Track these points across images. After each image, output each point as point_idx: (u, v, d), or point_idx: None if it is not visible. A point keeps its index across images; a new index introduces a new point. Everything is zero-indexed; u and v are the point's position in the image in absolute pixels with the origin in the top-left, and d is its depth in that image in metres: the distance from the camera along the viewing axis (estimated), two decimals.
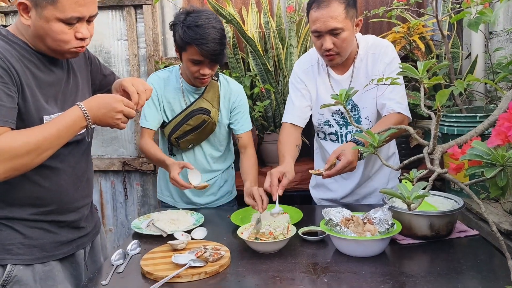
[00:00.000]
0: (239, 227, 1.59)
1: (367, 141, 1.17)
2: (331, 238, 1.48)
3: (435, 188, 2.42)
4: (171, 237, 1.60)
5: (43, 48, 1.33)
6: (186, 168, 1.84)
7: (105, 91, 1.63)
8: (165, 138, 2.08)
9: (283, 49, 2.92)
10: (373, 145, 1.16)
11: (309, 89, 1.96)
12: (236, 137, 2.10)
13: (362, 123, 1.91)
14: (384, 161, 1.18)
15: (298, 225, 1.64)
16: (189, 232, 1.65)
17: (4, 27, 1.37)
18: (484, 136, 1.08)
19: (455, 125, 2.19)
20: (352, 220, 1.49)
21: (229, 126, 2.10)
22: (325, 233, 1.53)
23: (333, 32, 1.73)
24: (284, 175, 1.67)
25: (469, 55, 2.85)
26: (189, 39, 1.78)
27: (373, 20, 2.75)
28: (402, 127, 1.24)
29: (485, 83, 2.58)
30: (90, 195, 1.61)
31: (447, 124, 2.22)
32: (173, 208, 2.07)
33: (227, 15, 2.77)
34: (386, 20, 2.72)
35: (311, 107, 1.98)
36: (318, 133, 2.06)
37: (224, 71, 2.97)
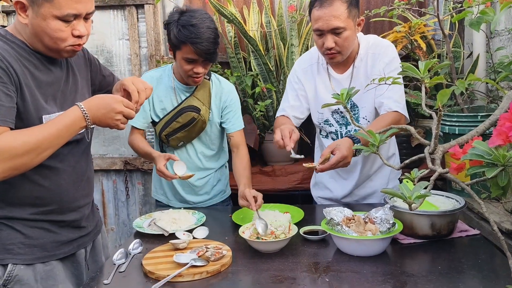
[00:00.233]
0: (240, 226, 1.59)
1: (365, 139, 1.17)
2: (332, 237, 1.48)
3: (437, 188, 2.41)
4: (172, 236, 1.60)
5: (41, 47, 1.33)
6: (172, 160, 1.87)
7: (105, 91, 1.63)
8: (157, 136, 2.10)
9: (284, 49, 2.92)
10: (374, 144, 1.16)
11: (306, 90, 1.97)
12: (228, 136, 2.11)
13: (360, 122, 1.91)
14: (385, 160, 1.18)
15: (299, 224, 1.64)
16: (190, 231, 1.66)
17: (3, 27, 1.37)
18: (485, 136, 1.08)
19: (457, 124, 2.19)
20: (353, 219, 1.49)
21: (221, 125, 2.11)
22: (326, 233, 1.53)
23: (335, 31, 1.72)
24: (293, 130, 1.72)
25: (471, 54, 2.85)
26: (184, 38, 1.80)
27: (374, 20, 2.75)
28: (404, 127, 1.24)
29: (486, 83, 2.58)
30: (91, 195, 1.61)
31: (449, 123, 2.22)
32: (167, 206, 2.09)
33: (228, 14, 2.77)
34: (387, 19, 2.72)
35: (306, 109, 1.99)
36: (321, 131, 2.06)
37: (226, 70, 2.97)
